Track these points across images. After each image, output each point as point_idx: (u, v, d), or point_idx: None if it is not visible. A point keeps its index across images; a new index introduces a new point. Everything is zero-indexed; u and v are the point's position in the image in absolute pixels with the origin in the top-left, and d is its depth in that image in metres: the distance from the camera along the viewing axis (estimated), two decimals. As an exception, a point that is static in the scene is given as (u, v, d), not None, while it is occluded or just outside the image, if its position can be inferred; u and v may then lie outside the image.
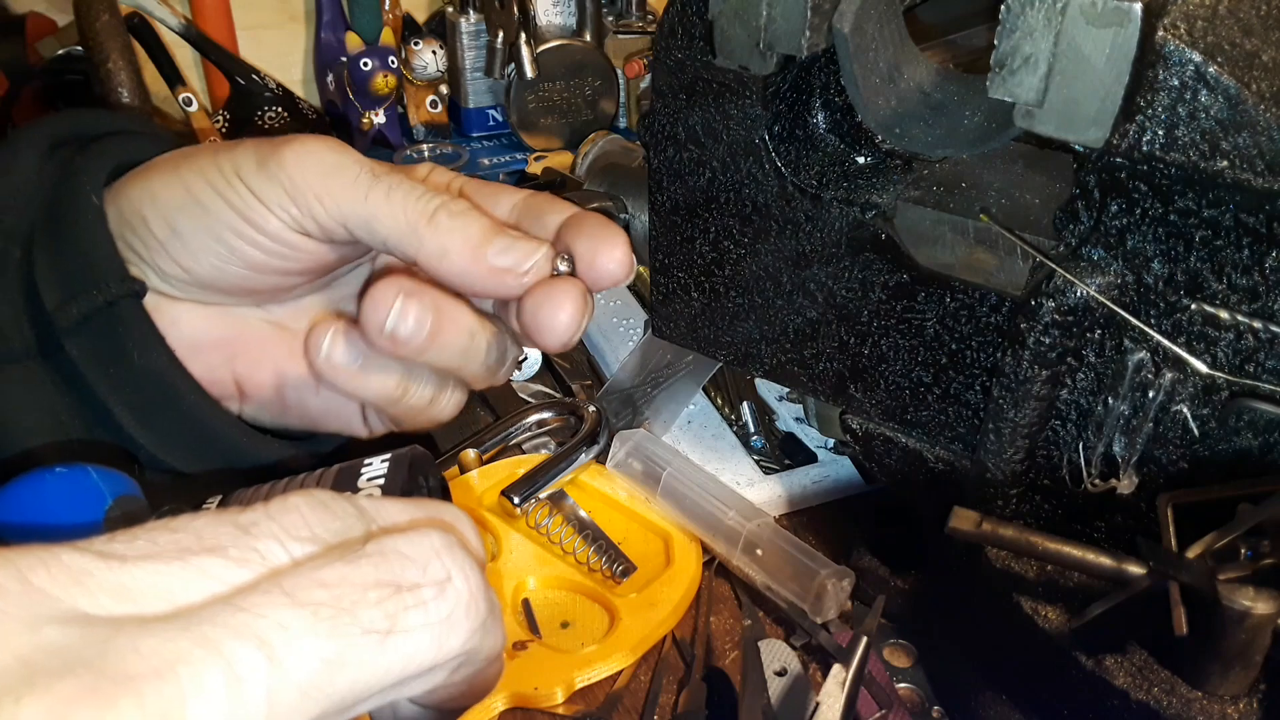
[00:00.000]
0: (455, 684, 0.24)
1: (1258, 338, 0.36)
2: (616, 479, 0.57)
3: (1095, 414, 0.41)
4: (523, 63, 0.93)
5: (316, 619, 0.19)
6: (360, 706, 0.21)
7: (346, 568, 0.21)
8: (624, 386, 0.62)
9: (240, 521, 0.21)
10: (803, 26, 0.41)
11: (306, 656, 0.19)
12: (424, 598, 0.21)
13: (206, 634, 0.18)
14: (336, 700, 0.20)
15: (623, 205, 0.59)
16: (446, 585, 0.22)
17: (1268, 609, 0.34)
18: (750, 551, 0.51)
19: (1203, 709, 0.37)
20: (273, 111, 0.94)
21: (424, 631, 0.21)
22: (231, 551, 0.21)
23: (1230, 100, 0.33)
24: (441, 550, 0.22)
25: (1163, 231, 0.37)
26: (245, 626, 0.19)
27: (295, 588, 0.20)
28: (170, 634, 0.18)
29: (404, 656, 0.21)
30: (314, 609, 0.19)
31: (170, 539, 0.20)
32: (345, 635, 0.20)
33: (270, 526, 0.21)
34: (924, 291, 0.45)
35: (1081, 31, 0.34)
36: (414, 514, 0.24)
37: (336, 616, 0.20)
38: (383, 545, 0.22)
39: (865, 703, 0.44)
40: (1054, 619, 0.41)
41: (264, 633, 0.19)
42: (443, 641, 0.21)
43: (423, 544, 0.22)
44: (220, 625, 0.19)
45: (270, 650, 0.19)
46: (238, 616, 0.19)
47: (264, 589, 0.20)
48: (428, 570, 0.22)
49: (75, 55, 0.87)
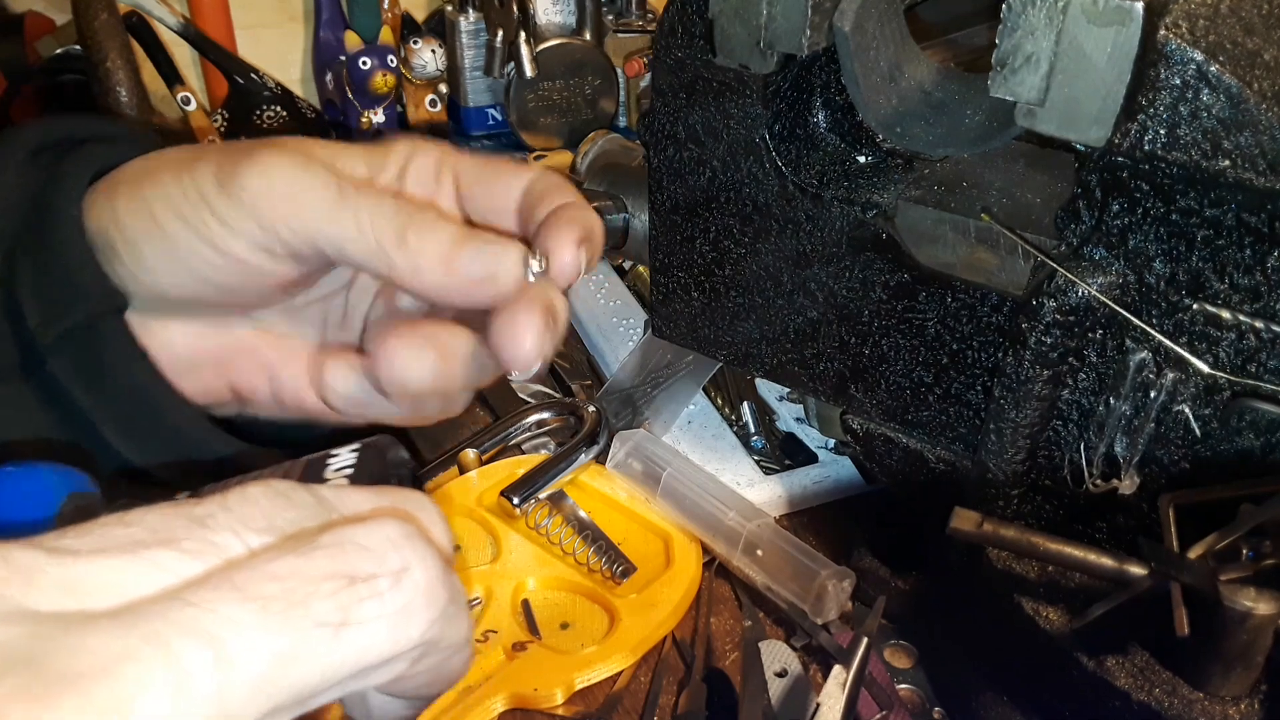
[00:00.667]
0: (420, 673, 0.23)
1: (1259, 338, 0.36)
2: (616, 479, 0.57)
3: (1097, 414, 0.41)
4: (522, 62, 0.93)
5: (267, 613, 0.19)
6: (317, 699, 0.21)
7: (299, 559, 0.20)
8: (624, 386, 0.62)
9: (195, 514, 0.21)
10: (803, 25, 0.41)
11: (256, 651, 0.19)
12: (379, 588, 0.21)
13: (154, 630, 0.18)
14: (290, 694, 0.20)
15: (623, 205, 0.59)
16: (403, 575, 0.21)
17: (1269, 610, 0.34)
18: (750, 552, 0.51)
19: (1204, 710, 0.37)
20: (271, 110, 0.94)
21: (380, 623, 0.21)
22: (185, 544, 0.20)
23: (1232, 99, 0.33)
24: (399, 540, 0.22)
25: (1164, 231, 0.37)
26: (193, 622, 0.18)
27: (246, 581, 0.19)
28: (117, 631, 0.18)
29: (359, 649, 0.20)
30: (264, 602, 0.19)
31: (123, 533, 0.20)
32: (297, 629, 0.19)
33: (226, 518, 0.21)
34: (925, 291, 0.44)
35: (1083, 30, 0.34)
36: (377, 503, 0.24)
37: (288, 610, 0.19)
38: (338, 536, 0.21)
39: (866, 704, 0.44)
40: (1055, 620, 0.41)
41: (212, 628, 0.18)
42: (400, 632, 0.21)
43: (379, 534, 0.22)
44: (168, 621, 0.18)
45: (219, 646, 0.18)
46: (185, 612, 0.18)
47: (213, 583, 0.19)
48: (384, 560, 0.21)
49: (73, 54, 0.87)
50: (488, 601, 0.51)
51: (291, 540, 0.21)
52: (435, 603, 0.22)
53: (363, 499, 0.24)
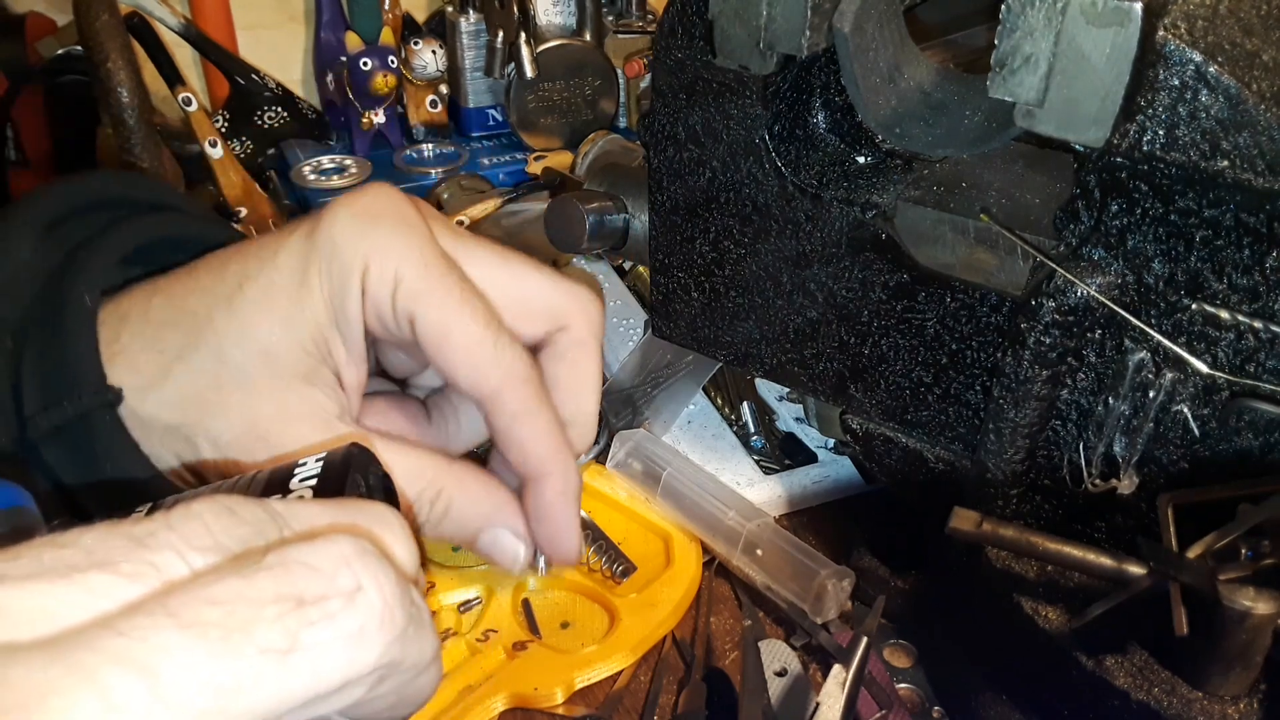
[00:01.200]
0: (382, 696, 0.22)
1: (1258, 338, 0.36)
2: (616, 479, 0.57)
3: (1096, 414, 0.41)
4: (522, 62, 0.93)
5: (205, 640, 0.18)
6: None
7: (241, 581, 0.19)
8: (624, 386, 0.62)
9: (135, 533, 0.20)
10: (803, 26, 0.41)
11: (195, 682, 0.17)
12: (330, 610, 0.19)
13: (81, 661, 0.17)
14: None
15: (623, 205, 0.59)
16: (356, 595, 0.20)
17: (1268, 609, 0.34)
18: (750, 552, 0.51)
19: (1203, 709, 0.37)
20: (272, 111, 0.94)
21: (332, 646, 0.19)
22: (124, 566, 0.19)
23: (1231, 100, 0.33)
24: (351, 558, 0.20)
25: (1163, 231, 0.37)
26: (124, 652, 0.17)
27: (181, 606, 0.18)
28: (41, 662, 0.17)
29: (310, 675, 0.19)
30: (202, 629, 0.18)
31: (55, 556, 0.19)
32: (239, 656, 0.18)
33: (168, 537, 0.20)
34: (924, 291, 0.44)
35: (1082, 31, 0.34)
36: (334, 518, 0.23)
37: (229, 636, 0.18)
38: (284, 555, 0.20)
39: (865, 703, 0.44)
40: (1054, 619, 0.41)
41: (145, 658, 0.17)
42: (354, 656, 0.20)
43: (329, 552, 0.20)
44: (96, 651, 0.17)
45: (152, 678, 0.17)
46: (116, 641, 0.17)
47: (147, 609, 0.18)
48: (334, 580, 0.20)
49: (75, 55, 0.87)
50: (488, 601, 0.51)
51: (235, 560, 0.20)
52: (392, 623, 0.21)
53: (319, 513, 0.23)
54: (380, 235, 0.36)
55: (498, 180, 0.94)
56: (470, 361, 0.37)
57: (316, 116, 0.97)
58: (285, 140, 0.96)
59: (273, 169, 0.93)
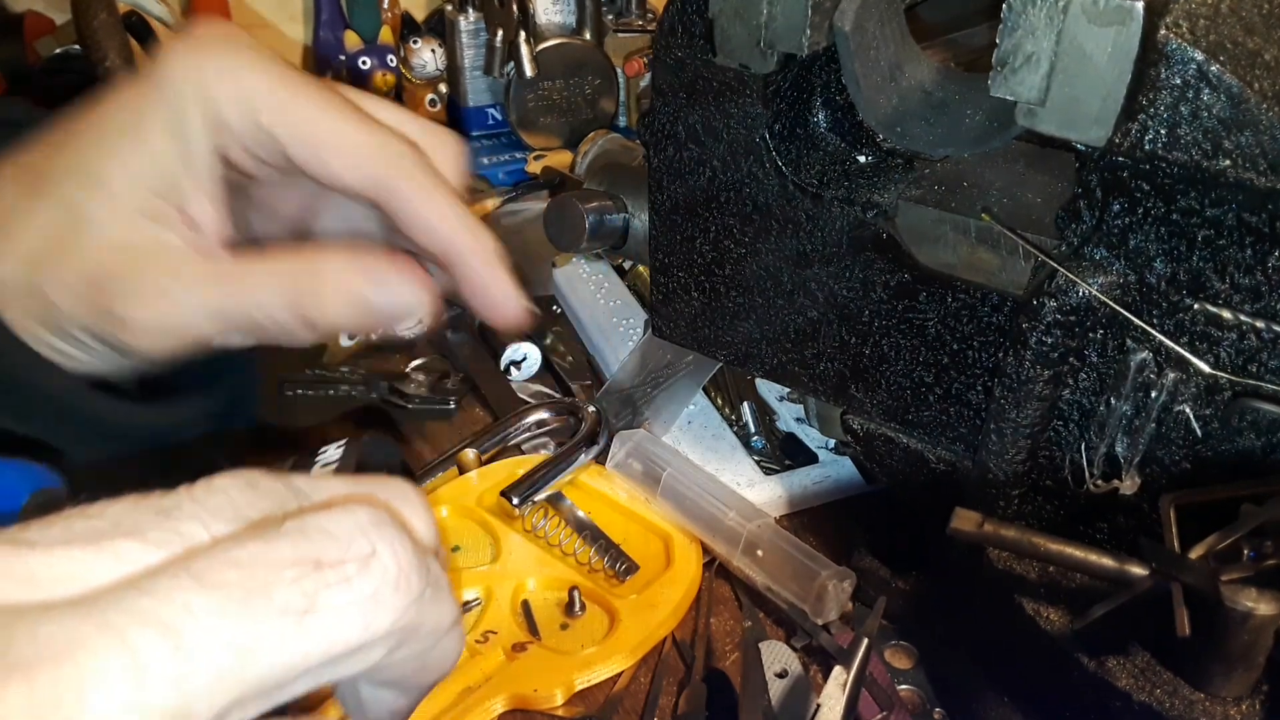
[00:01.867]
0: (404, 661, 0.23)
1: (1260, 338, 0.36)
2: (616, 479, 0.57)
3: (1097, 414, 0.41)
4: (522, 61, 0.93)
5: (226, 601, 0.19)
6: (287, 689, 0.20)
7: (261, 546, 0.20)
8: (624, 386, 0.62)
9: (161, 505, 0.21)
10: (803, 25, 0.41)
11: (215, 641, 0.18)
12: (346, 574, 0.20)
13: (108, 619, 0.18)
14: (255, 684, 0.19)
15: (623, 205, 0.59)
16: (371, 560, 0.21)
17: (1271, 610, 0.34)
18: (751, 552, 0.51)
19: (1205, 710, 0.37)
20: (271, 111, 0.94)
21: (348, 610, 0.20)
22: (150, 535, 0.20)
23: (1233, 99, 0.33)
24: (367, 525, 0.21)
25: (1165, 231, 0.37)
26: (149, 612, 0.18)
27: (204, 569, 0.19)
28: (71, 620, 0.17)
29: (326, 636, 0.20)
30: (224, 590, 0.19)
31: (85, 525, 0.20)
32: (259, 617, 0.19)
33: (192, 508, 0.21)
34: (925, 291, 0.44)
35: (1083, 30, 0.34)
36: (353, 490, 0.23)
37: (249, 598, 0.19)
38: (303, 522, 0.21)
39: (866, 704, 0.44)
40: (1056, 620, 0.41)
41: (169, 618, 0.18)
42: (370, 619, 0.20)
43: (346, 520, 0.21)
44: (123, 610, 0.18)
45: (176, 636, 0.18)
46: (141, 601, 0.18)
47: (171, 572, 0.19)
48: (350, 546, 0.20)
49: (73, 54, 0.87)
50: (488, 602, 0.51)
51: (255, 527, 0.21)
52: (407, 588, 0.21)
53: (339, 487, 0.23)
54: (220, 63, 0.35)
55: (497, 180, 0.94)
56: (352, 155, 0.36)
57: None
58: (284, 139, 0.95)
59: (272, 168, 0.93)
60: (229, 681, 0.18)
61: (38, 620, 0.17)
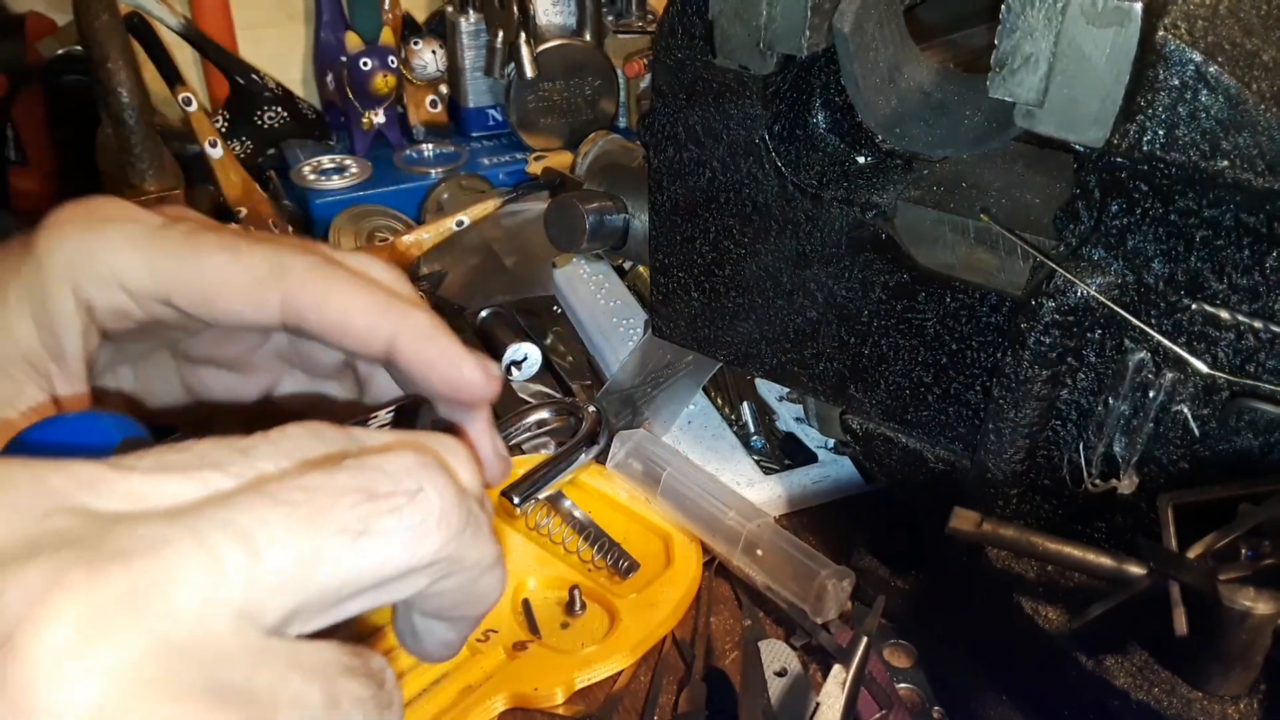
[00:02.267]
0: (450, 592, 0.26)
1: (1258, 338, 0.36)
2: (616, 479, 0.57)
3: (1096, 414, 0.41)
4: (522, 62, 0.93)
5: (293, 517, 0.21)
6: (344, 606, 0.23)
7: (325, 475, 0.23)
8: (624, 386, 0.62)
9: (240, 445, 0.24)
10: (803, 26, 0.41)
11: (283, 549, 0.21)
12: (396, 504, 0.23)
13: (193, 524, 0.21)
14: (312, 594, 0.22)
15: (623, 205, 0.59)
16: (418, 496, 0.23)
17: (1268, 609, 0.34)
18: (750, 552, 0.51)
19: (1203, 709, 0.37)
20: (272, 111, 0.94)
21: (396, 536, 0.23)
22: (231, 468, 0.23)
23: (1231, 100, 0.33)
24: (415, 467, 0.24)
25: (1163, 231, 0.37)
26: (229, 520, 0.21)
27: (276, 489, 0.22)
28: (162, 523, 0.21)
29: (377, 558, 0.22)
30: (292, 507, 0.22)
31: (176, 457, 0.23)
32: (320, 532, 0.22)
33: (268, 449, 0.24)
34: (924, 291, 0.44)
35: (1082, 31, 0.34)
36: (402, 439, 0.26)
37: (313, 516, 0.22)
38: (361, 460, 0.24)
39: (865, 703, 0.44)
40: (1054, 619, 0.41)
41: (245, 526, 0.21)
42: (414, 547, 0.23)
43: (398, 460, 0.24)
44: (206, 518, 0.21)
45: (250, 542, 0.21)
46: (222, 512, 0.21)
47: (250, 491, 0.22)
48: (401, 482, 0.23)
49: (75, 55, 0.87)
50: (488, 601, 0.51)
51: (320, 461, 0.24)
52: (449, 523, 0.24)
53: (390, 437, 0.26)
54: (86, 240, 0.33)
55: (498, 180, 0.94)
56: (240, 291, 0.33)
57: (316, 116, 0.97)
58: (285, 140, 0.96)
59: (273, 169, 0.93)
60: (293, 588, 0.21)
61: (135, 522, 0.21)
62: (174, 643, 0.19)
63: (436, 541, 0.24)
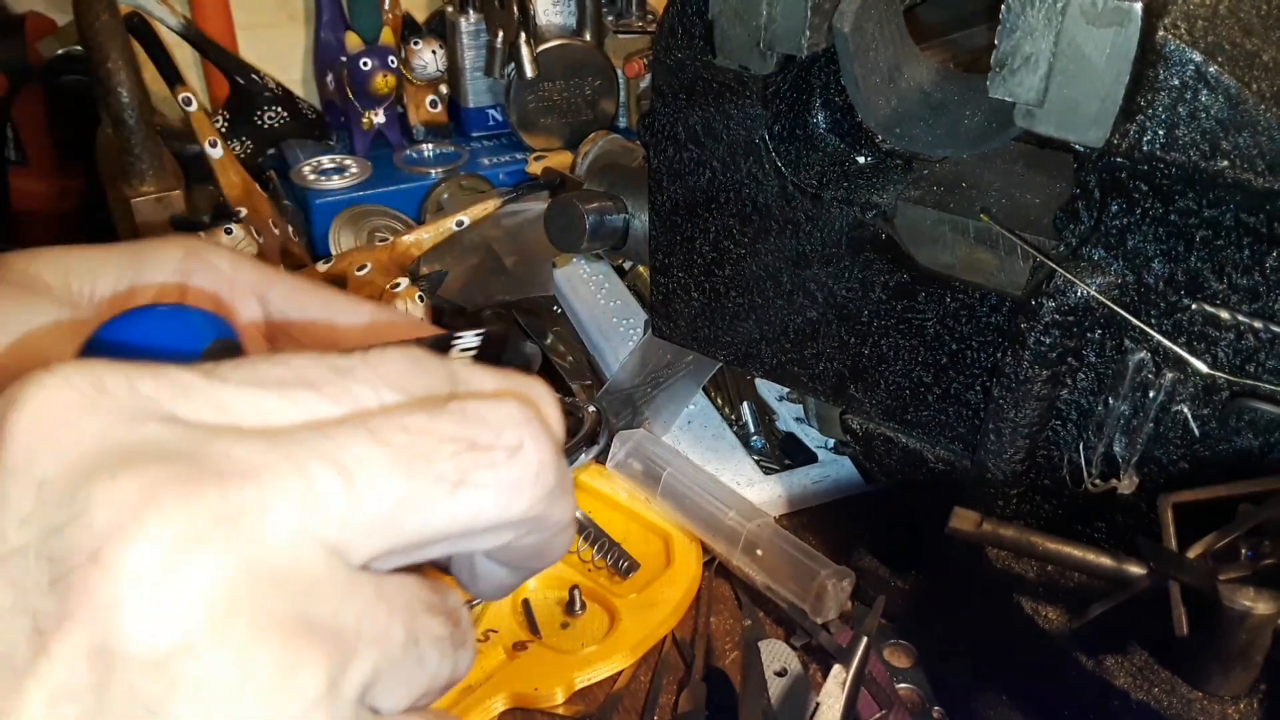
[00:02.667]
0: (526, 547, 0.25)
1: (1258, 338, 0.36)
2: (616, 479, 0.57)
3: (1096, 414, 0.41)
4: (522, 62, 0.93)
5: (394, 459, 0.21)
6: (427, 550, 0.22)
7: (428, 418, 0.22)
8: (624, 386, 0.62)
9: (338, 365, 0.23)
10: (803, 26, 0.41)
11: (381, 490, 0.20)
12: (495, 459, 0.22)
13: (293, 452, 0.20)
14: (403, 538, 0.21)
15: (623, 205, 0.59)
16: (518, 451, 0.23)
17: (1268, 609, 0.34)
18: (750, 552, 0.51)
19: (1203, 709, 0.37)
20: (272, 111, 0.94)
21: (491, 490, 0.22)
22: (326, 389, 0.22)
23: (1231, 100, 0.33)
24: (519, 419, 0.23)
25: (1163, 231, 0.37)
26: (330, 453, 0.20)
27: (380, 426, 0.21)
28: (261, 446, 0.20)
29: (470, 510, 0.22)
30: (393, 449, 0.21)
31: (270, 371, 0.22)
32: (419, 477, 0.21)
33: (365, 372, 0.23)
34: (924, 291, 0.44)
35: (1082, 31, 0.34)
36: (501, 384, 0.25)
37: (413, 460, 0.21)
38: (465, 405, 0.23)
39: (865, 703, 0.44)
40: (1054, 619, 0.41)
41: (345, 462, 0.20)
42: (508, 503, 0.23)
43: (501, 411, 0.23)
44: (307, 447, 0.20)
45: (349, 478, 0.20)
46: (324, 443, 0.20)
47: (352, 424, 0.21)
48: (502, 435, 0.23)
49: (75, 55, 0.87)
50: (488, 601, 0.51)
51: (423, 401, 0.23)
52: (543, 482, 0.23)
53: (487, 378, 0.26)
54: None
55: (498, 180, 0.94)
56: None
57: (316, 116, 0.97)
58: (285, 140, 0.96)
59: (273, 169, 0.93)
60: (385, 529, 0.21)
61: (231, 442, 0.20)
62: (265, 571, 0.19)
63: (529, 499, 0.23)
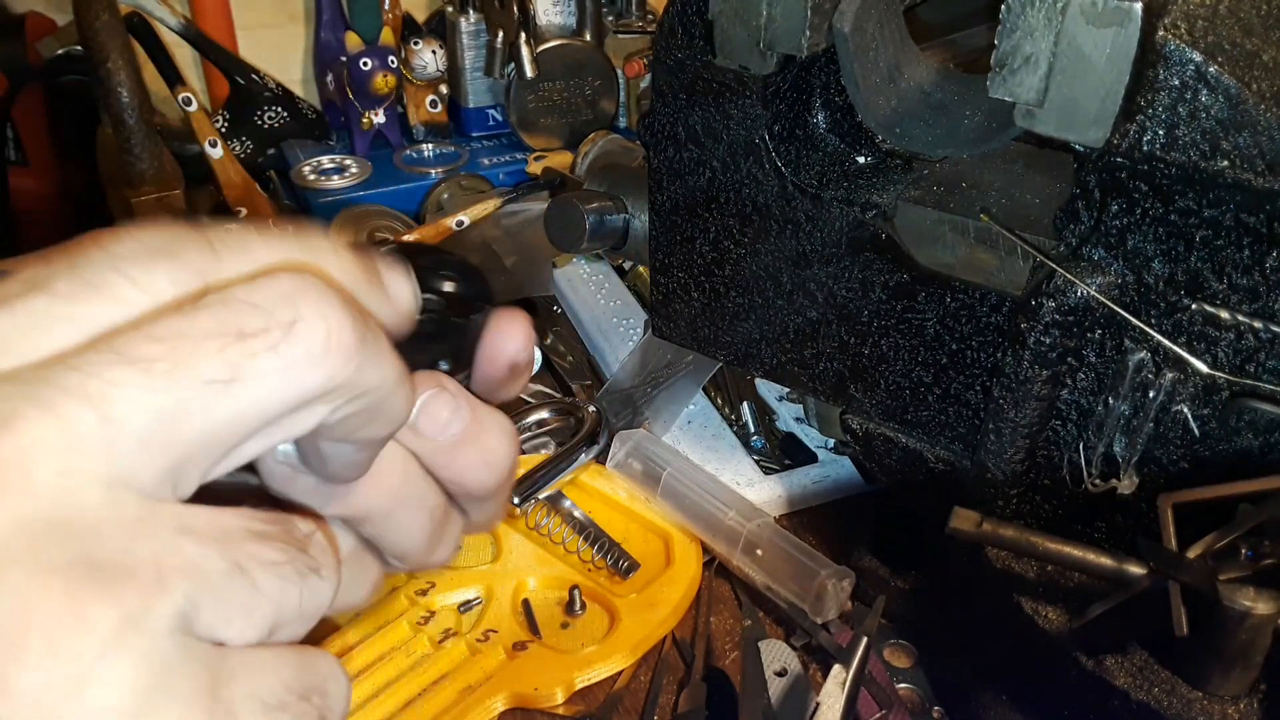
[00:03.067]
0: (352, 416, 0.23)
1: (1258, 338, 0.36)
2: (616, 479, 0.57)
3: (1096, 414, 0.41)
4: (523, 62, 0.93)
5: (149, 375, 0.20)
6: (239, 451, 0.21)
7: (181, 320, 0.21)
8: (624, 386, 0.62)
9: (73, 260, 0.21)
10: (803, 26, 0.41)
11: (140, 410, 0.19)
12: (272, 340, 0.21)
13: (37, 393, 0.19)
14: (189, 448, 0.20)
15: (623, 205, 0.59)
16: (295, 326, 0.21)
17: (1268, 609, 0.34)
18: (750, 552, 0.51)
19: (1203, 709, 0.37)
20: (272, 111, 0.94)
21: (274, 374, 0.21)
22: (59, 286, 0.21)
23: (1231, 100, 0.33)
24: (290, 291, 0.21)
25: (1163, 231, 0.37)
26: (77, 385, 0.19)
27: (125, 344, 0.20)
28: (6, 393, 0.19)
29: (257, 401, 0.21)
30: (146, 364, 0.20)
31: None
32: (183, 387, 0.20)
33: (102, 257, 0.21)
34: (924, 291, 0.44)
35: (1082, 31, 0.34)
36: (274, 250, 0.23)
37: (172, 371, 0.20)
38: (226, 294, 0.21)
39: (865, 703, 0.44)
40: (1054, 619, 0.41)
41: (95, 390, 0.19)
42: (300, 381, 0.21)
43: (269, 288, 0.21)
44: (50, 384, 0.19)
45: (103, 407, 0.19)
46: (69, 376, 0.19)
47: (97, 348, 0.20)
48: (274, 314, 0.21)
49: (75, 55, 0.87)
50: (488, 601, 0.51)
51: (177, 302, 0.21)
52: (339, 349, 0.22)
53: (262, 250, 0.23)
54: None
55: (498, 180, 0.94)
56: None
57: (316, 116, 0.97)
58: (285, 140, 0.96)
59: (273, 169, 0.93)
60: (160, 446, 0.20)
61: None
62: (37, 521, 0.18)
63: (326, 370, 0.21)
